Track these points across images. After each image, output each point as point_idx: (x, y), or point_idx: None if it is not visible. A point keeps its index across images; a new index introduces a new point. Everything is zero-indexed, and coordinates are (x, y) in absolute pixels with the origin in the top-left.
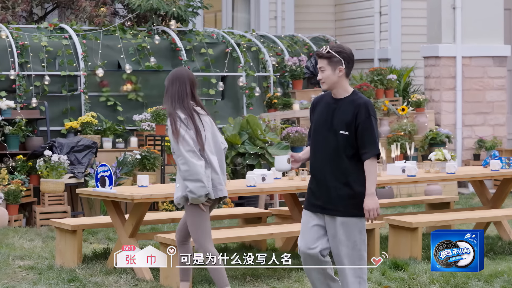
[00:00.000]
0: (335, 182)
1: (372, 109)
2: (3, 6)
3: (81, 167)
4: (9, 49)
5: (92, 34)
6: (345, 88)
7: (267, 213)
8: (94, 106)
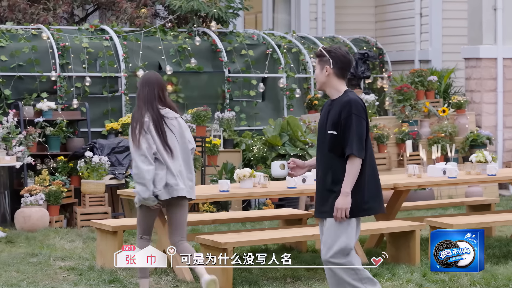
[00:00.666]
0: (327, 183)
1: (356, 107)
2: (44, 8)
3: (121, 168)
4: (50, 51)
5: (133, 36)
6: (337, 88)
7: (307, 215)
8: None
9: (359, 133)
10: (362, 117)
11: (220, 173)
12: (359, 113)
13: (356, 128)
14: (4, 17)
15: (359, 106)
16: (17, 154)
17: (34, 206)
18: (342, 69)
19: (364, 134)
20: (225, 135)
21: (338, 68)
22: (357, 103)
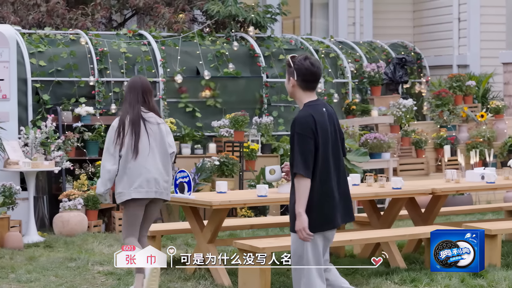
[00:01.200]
0: (291, 199)
1: (300, 125)
2: (83, 13)
3: None
4: (89, 56)
5: (171, 41)
6: (300, 100)
7: None
8: (173, 112)
9: (302, 152)
10: (306, 135)
11: (258, 178)
12: (302, 131)
13: (299, 147)
14: (42, 22)
15: (304, 124)
16: (55, 159)
17: (72, 211)
18: (306, 81)
19: (308, 152)
20: (263, 140)
21: (301, 80)
22: (302, 121)
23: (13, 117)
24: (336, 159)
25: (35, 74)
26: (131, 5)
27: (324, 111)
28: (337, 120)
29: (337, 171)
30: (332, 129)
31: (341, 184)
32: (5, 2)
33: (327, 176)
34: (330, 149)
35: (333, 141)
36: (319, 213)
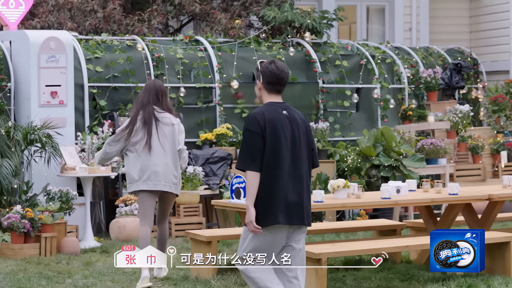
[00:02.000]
0: None
1: (249, 122)
2: (139, 19)
3: (216, 179)
4: (145, 61)
5: (227, 46)
6: (265, 102)
7: (401, 225)
8: (229, 117)
9: (248, 147)
10: (253, 131)
11: (314, 183)
12: (250, 126)
13: (245, 142)
14: (99, 28)
15: (253, 120)
16: (112, 164)
17: (129, 216)
18: (270, 84)
19: (255, 147)
20: (319, 145)
21: (266, 83)
22: (252, 117)
23: (70, 123)
24: (294, 164)
25: (92, 80)
26: (188, 11)
27: (283, 113)
28: (307, 130)
29: (294, 174)
30: (291, 133)
31: (296, 188)
32: (62, 8)
33: (276, 174)
34: (283, 149)
35: (291, 145)
36: (261, 208)
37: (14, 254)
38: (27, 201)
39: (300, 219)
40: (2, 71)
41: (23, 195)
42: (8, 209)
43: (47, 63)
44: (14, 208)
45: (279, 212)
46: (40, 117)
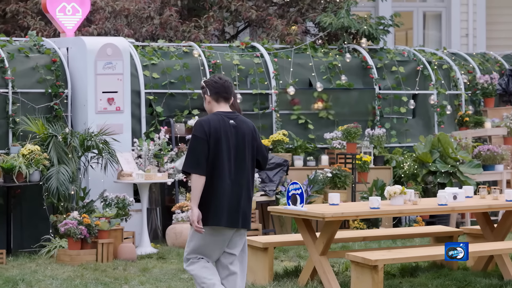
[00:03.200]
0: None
1: (195, 128)
2: (196, 25)
3: (272, 185)
4: (202, 68)
5: (283, 53)
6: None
7: (458, 232)
8: (285, 124)
9: (193, 151)
10: (199, 137)
11: (370, 190)
12: (196, 132)
13: (191, 147)
14: (156, 34)
15: (199, 127)
16: (168, 171)
17: (185, 223)
18: (217, 94)
19: (200, 152)
20: (375, 152)
21: (214, 94)
22: (198, 124)
23: (126, 129)
24: (237, 170)
25: (149, 86)
26: (244, 17)
27: (229, 122)
28: (255, 137)
29: (236, 180)
30: (235, 142)
31: (237, 193)
32: (119, 15)
33: (218, 178)
34: (225, 156)
35: (235, 152)
36: (205, 209)
37: (71, 260)
38: (84, 207)
39: (240, 222)
40: (59, 78)
41: (80, 201)
42: (65, 215)
43: (104, 70)
44: (71, 214)
45: (221, 215)
46: (97, 124)
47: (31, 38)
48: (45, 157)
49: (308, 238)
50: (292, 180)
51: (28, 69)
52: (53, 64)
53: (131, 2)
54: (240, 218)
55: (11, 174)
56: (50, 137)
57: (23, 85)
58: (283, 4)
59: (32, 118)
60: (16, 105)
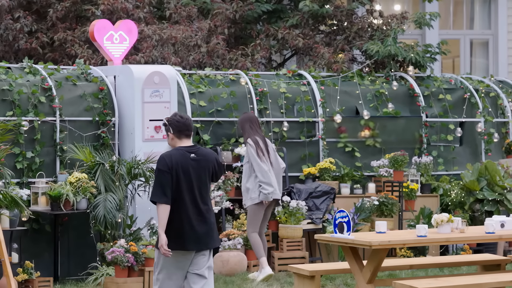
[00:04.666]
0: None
1: (159, 162)
2: (243, 53)
3: (319, 213)
4: (248, 96)
5: (330, 80)
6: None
7: (506, 260)
8: (332, 152)
9: (159, 183)
10: (162, 170)
11: (417, 218)
12: (160, 166)
13: (156, 179)
14: (203, 63)
15: (162, 161)
16: (215, 198)
17: (232, 251)
18: (179, 131)
19: (164, 184)
20: (422, 179)
21: (177, 132)
22: (161, 158)
23: None
24: (199, 199)
25: (195, 114)
26: (291, 45)
27: (190, 156)
28: (215, 165)
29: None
30: (196, 173)
31: (199, 220)
32: (166, 43)
33: (181, 207)
34: (186, 187)
35: (196, 182)
36: (171, 235)
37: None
38: (131, 235)
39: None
40: (106, 106)
41: (127, 229)
42: (112, 243)
43: (151, 98)
44: (118, 242)
45: (188, 239)
46: (144, 152)
47: (79, 66)
48: (92, 185)
49: (355, 266)
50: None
51: (75, 97)
52: (100, 92)
53: (178, 31)
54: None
55: (59, 202)
56: (97, 165)
57: (71, 113)
58: (330, 32)
59: (79, 146)
60: (63, 133)
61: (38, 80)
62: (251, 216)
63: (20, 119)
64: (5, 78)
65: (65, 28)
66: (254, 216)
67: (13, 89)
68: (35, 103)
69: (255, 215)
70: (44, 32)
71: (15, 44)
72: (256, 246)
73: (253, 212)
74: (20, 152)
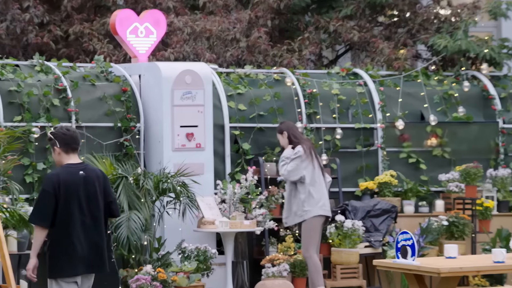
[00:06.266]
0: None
1: (43, 182)
2: (289, 49)
3: (378, 235)
4: (295, 98)
5: (390, 80)
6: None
7: None
8: (393, 163)
9: (40, 204)
10: (46, 190)
11: (493, 240)
12: (44, 186)
13: (39, 199)
14: (242, 59)
15: (47, 181)
16: (257, 218)
17: (277, 278)
18: (67, 145)
19: (46, 205)
20: (499, 196)
21: (64, 145)
22: (47, 179)
23: (208, 169)
24: (90, 215)
25: (234, 120)
26: (345, 39)
27: (79, 174)
28: (105, 185)
29: (88, 229)
30: (86, 192)
31: (89, 239)
32: (200, 37)
33: (68, 230)
34: (75, 208)
35: (86, 202)
36: (57, 260)
37: None
38: (158, 260)
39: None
40: (130, 110)
41: (154, 253)
42: (137, 269)
43: (182, 100)
44: (143, 268)
45: (77, 264)
46: (174, 163)
47: (98, 63)
48: None
49: None
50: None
51: (94, 99)
52: (123, 94)
53: (214, 22)
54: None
55: None
56: (119, 179)
57: (89, 118)
58: (390, 24)
59: (98, 156)
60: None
61: (51, 80)
62: (308, 233)
63: (30, 125)
64: (12, 77)
65: (81, 20)
66: (311, 232)
67: (22, 90)
68: (47, 107)
69: (313, 231)
70: (57, 24)
71: (23, 38)
72: (316, 271)
73: (310, 228)
74: (30, 163)
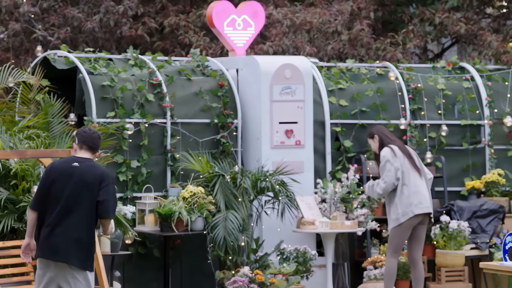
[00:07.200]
0: None
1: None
2: (392, 42)
3: (485, 236)
4: (399, 93)
5: (498, 75)
6: None
7: None
8: (501, 161)
9: (37, 190)
10: (42, 176)
11: None
12: (44, 173)
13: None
14: (344, 53)
15: (46, 168)
16: (359, 218)
17: (379, 281)
18: (82, 142)
19: (39, 190)
20: None
21: (80, 142)
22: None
23: (308, 167)
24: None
25: (335, 116)
26: (451, 32)
27: (73, 165)
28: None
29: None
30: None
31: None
32: (299, 30)
33: (50, 214)
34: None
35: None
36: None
37: None
38: (256, 262)
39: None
40: (227, 106)
41: (251, 254)
42: (234, 271)
43: (281, 96)
44: (241, 270)
45: (44, 247)
46: (273, 161)
47: (194, 57)
48: (210, 201)
49: None
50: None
51: (190, 95)
52: (220, 89)
53: (314, 14)
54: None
55: (170, 222)
56: (216, 177)
57: (184, 114)
58: (499, 16)
59: (194, 154)
60: (175, 138)
61: (145, 74)
62: (393, 235)
63: (123, 121)
64: (105, 71)
65: (177, 12)
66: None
67: (115, 85)
68: (142, 102)
69: (399, 234)
70: (152, 16)
71: (117, 31)
72: (387, 277)
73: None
74: (123, 161)
